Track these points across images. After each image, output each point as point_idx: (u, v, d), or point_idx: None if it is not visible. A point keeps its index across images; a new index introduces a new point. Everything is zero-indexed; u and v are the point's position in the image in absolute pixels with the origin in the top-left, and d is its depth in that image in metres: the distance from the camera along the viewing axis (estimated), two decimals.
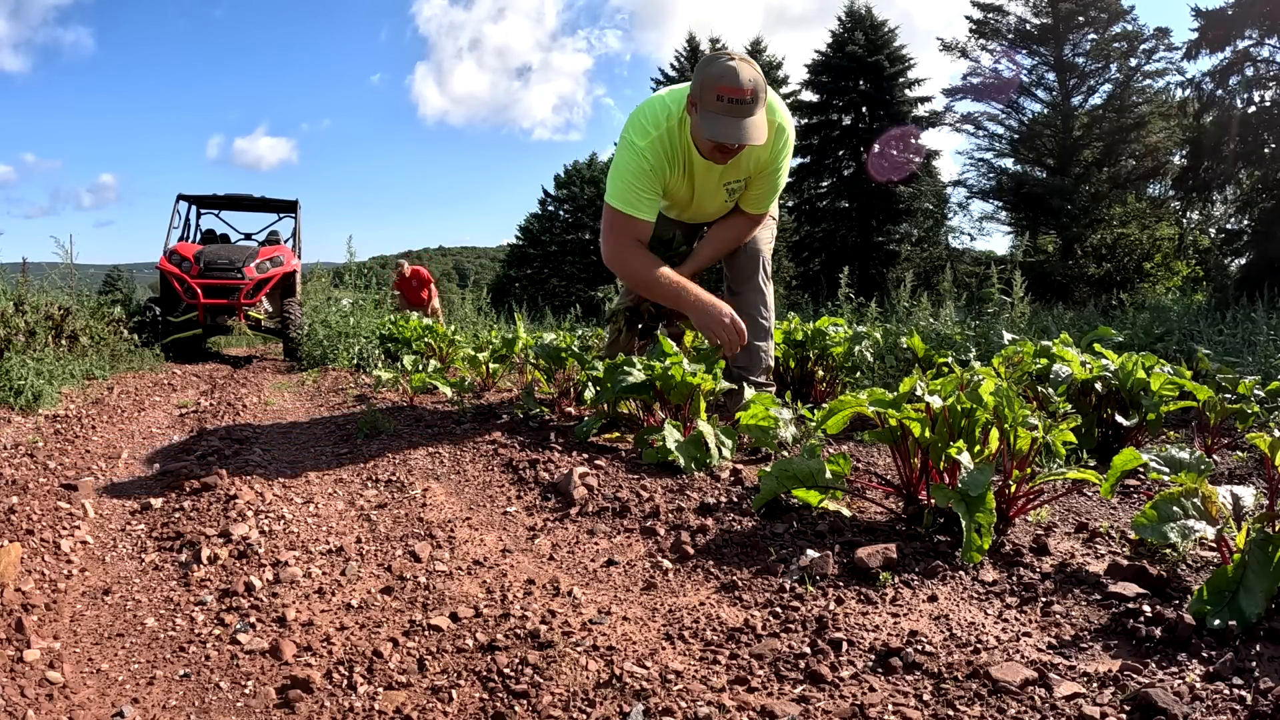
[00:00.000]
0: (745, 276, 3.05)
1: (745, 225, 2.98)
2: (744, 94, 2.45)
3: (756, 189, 2.87)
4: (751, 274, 3.05)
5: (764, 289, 3.06)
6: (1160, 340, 5.81)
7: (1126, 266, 19.67)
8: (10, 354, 4.33)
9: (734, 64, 2.47)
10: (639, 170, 2.68)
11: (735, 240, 2.99)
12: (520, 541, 1.87)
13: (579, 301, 17.05)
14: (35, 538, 1.86)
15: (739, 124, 2.47)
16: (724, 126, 2.47)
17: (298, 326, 7.47)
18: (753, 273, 3.05)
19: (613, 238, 2.79)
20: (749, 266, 3.05)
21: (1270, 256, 12.12)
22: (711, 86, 2.46)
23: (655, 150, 2.67)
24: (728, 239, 2.98)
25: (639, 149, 2.67)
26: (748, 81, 2.45)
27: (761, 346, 3.04)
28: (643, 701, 1.14)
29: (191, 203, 9.51)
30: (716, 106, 2.47)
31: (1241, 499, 1.43)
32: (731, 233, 2.98)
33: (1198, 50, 14.02)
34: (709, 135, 2.50)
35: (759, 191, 2.88)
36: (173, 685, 1.25)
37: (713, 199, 2.89)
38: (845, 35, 25.95)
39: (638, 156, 2.67)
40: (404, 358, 4.98)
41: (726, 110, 2.46)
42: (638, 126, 2.70)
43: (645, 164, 2.67)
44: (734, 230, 2.98)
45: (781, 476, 1.83)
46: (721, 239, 2.98)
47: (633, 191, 2.70)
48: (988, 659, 1.21)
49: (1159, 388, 2.44)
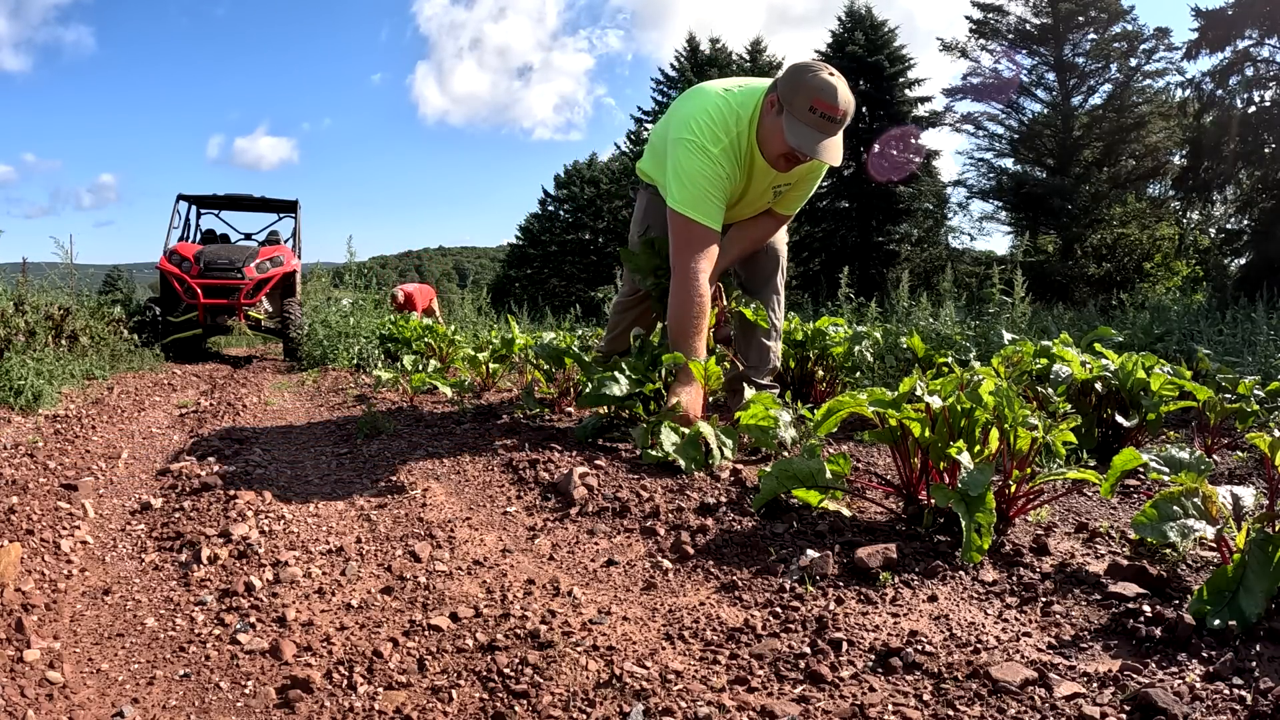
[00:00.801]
0: (765, 277, 3.06)
1: (773, 226, 2.97)
2: (838, 113, 2.43)
3: (797, 191, 2.87)
4: (771, 274, 3.07)
5: (780, 291, 3.09)
6: (1160, 340, 5.81)
7: (1126, 266, 19.67)
8: (10, 354, 4.34)
9: (835, 80, 2.43)
10: (715, 178, 2.57)
11: (762, 240, 2.98)
12: (520, 541, 1.87)
13: (579, 301, 17.05)
14: (35, 538, 1.86)
15: (824, 141, 2.44)
16: (810, 140, 2.43)
17: (298, 326, 7.48)
18: (772, 273, 3.07)
19: (688, 250, 2.59)
20: (769, 267, 3.06)
21: (1270, 256, 12.13)
22: (808, 96, 2.41)
23: (729, 158, 2.58)
24: (755, 239, 2.95)
25: (713, 156, 2.56)
26: (844, 102, 2.43)
27: (772, 347, 3.05)
28: (643, 701, 1.14)
29: (191, 203, 9.51)
30: (808, 118, 2.42)
31: (1241, 499, 1.43)
32: (759, 232, 2.95)
33: (1198, 50, 14.03)
34: (794, 143, 2.44)
35: (798, 194, 2.88)
36: (173, 685, 1.25)
37: (759, 201, 2.85)
38: (845, 35, 25.93)
39: (713, 164, 2.56)
40: (404, 358, 4.98)
41: (817, 124, 2.43)
42: (708, 132, 2.57)
43: (721, 171, 2.57)
44: (762, 230, 2.95)
45: (781, 476, 1.83)
46: (750, 238, 2.94)
47: (708, 200, 2.57)
48: (988, 659, 1.21)
49: (1159, 388, 2.44)
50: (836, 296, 6.67)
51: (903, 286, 6.42)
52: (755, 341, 3.01)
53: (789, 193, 2.86)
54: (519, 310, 11.21)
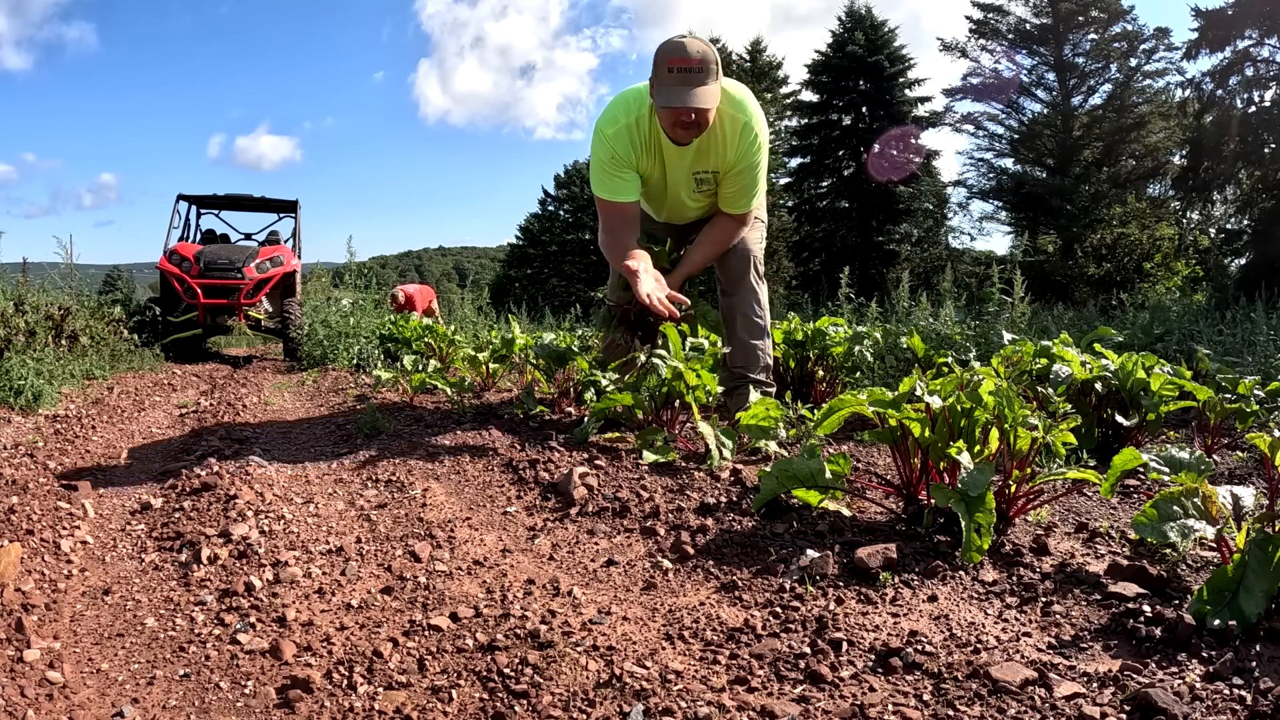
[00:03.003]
0: (737, 277, 3.09)
1: (732, 227, 3.01)
2: (692, 63, 2.57)
3: (729, 186, 2.90)
4: (743, 274, 3.08)
5: (757, 288, 3.09)
6: (1160, 340, 5.81)
7: (1126, 266, 19.66)
8: (10, 354, 4.33)
9: (683, 39, 2.61)
10: (609, 157, 2.81)
11: (723, 243, 3.02)
12: (520, 541, 1.87)
13: (579, 301, 17.05)
14: (35, 538, 1.86)
15: (689, 91, 2.57)
16: (677, 95, 2.57)
17: (298, 326, 7.47)
18: (744, 273, 3.08)
19: (601, 222, 2.95)
20: (739, 267, 3.08)
21: (1270, 256, 12.12)
22: (662, 61, 2.59)
23: (622, 138, 2.79)
24: (716, 240, 3.01)
25: (606, 137, 2.80)
26: (695, 52, 2.57)
27: (759, 345, 3.07)
28: (643, 701, 1.14)
29: (191, 203, 9.51)
30: (668, 78, 2.59)
31: (1241, 499, 1.43)
32: (719, 234, 3.01)
33: (1198, 50, 14.02)
34: (661, 103, 2.61)
35: (732, 190, 2.91)
36: (173, 685, 1.25)
37: (685, 189, 2.95)
38: (845, 35, 25.92)
39: (606, 145, 2.81)
40: (404, 358, 4.98)
41: (678, 80, 2.58)
42: (608, 116, 2.82)
43: (616, 149, 2.80)
44: (721, 232, 3.01)
45: (781, 477, 1.83)
46: (710, 241, 3.02)
47: (606, 177, 2.83)
48: (988, 659, 1.21)
49: (1159, 388, 2.44)
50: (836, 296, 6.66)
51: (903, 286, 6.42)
52: (736, 340, 3.05)
53: (724, 188, 2.92)
54: (519, 310, 11.20)
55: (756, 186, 2.93)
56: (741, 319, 3.06)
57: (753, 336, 3.05)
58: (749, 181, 2.90)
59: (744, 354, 3.04)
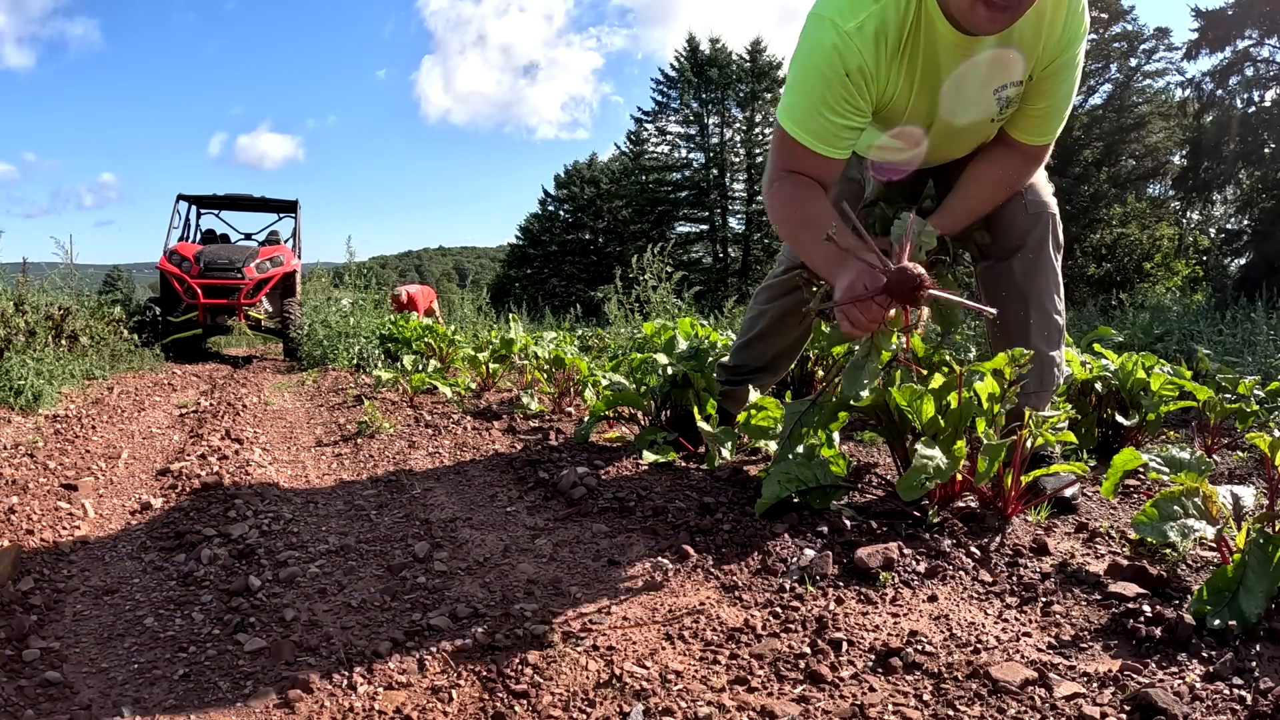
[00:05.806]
0: (1029, 246, 1.99)
1: (1020, 165, 1.91)
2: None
3: (1038, 100, 1.80)
4: (1039, 241, 1.99)
5: (1055, 266, 2.03)
6: (1160, 340, 5.81)
7: (1126, 266, 19.67)
8: (10, 354, 4.34)
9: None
10: (838, 75, 1.66)
11: (1006, 187, 1.93)
12: (521, 541, 1.87)
13: (579, 301, 17.05)
14: (35, 538, 1.86)
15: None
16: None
17: (298, 326, 7.48)
18: (1041, 238, 1.99)
19: (775, 166, 1.84)
20: (1023, 226, 1.98)
21: (1270, 256, 12.13)
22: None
23: (869, 42, 1.65)
24: (996, 183, 1.92)
25: (843, 36, 1.64)
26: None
27: (1053, 357, 2.04)
28: (643, 701, 1.14)
29: (191, 203, 9.53)
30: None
31: (1241, 499, 1.43)
32: (999, 174, 1.91)
33: (1198, 50, 14.04)
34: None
35: (1042, 105, 1.81)
36: (173, 685, 1.25)
37: (970, 114, 1.81)
38: None
39: (834, 54, 1.65)
40: (404, 358, 4.98)
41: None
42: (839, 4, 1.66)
43: (845, 65, 1.66)
44: (1002, 171, 1.91)
45: (783, 479, 1.83)
46: (988, 182, 1.92)
47: (817, 111, 1.71)
48: (988, 659, 1.21)
49: (1159, 388, 2.44)
50: None
51: None
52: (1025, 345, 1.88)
53: (1033, 101, 1.81)
54: (518, 310, 11.21)
55: (1074, 96, 1.86)
56: (1036, 313, 2.01)
57: (1051, 343, 2.03)
58: (1069, 87, 1.81)
59: (1037, 370, 1.96)
